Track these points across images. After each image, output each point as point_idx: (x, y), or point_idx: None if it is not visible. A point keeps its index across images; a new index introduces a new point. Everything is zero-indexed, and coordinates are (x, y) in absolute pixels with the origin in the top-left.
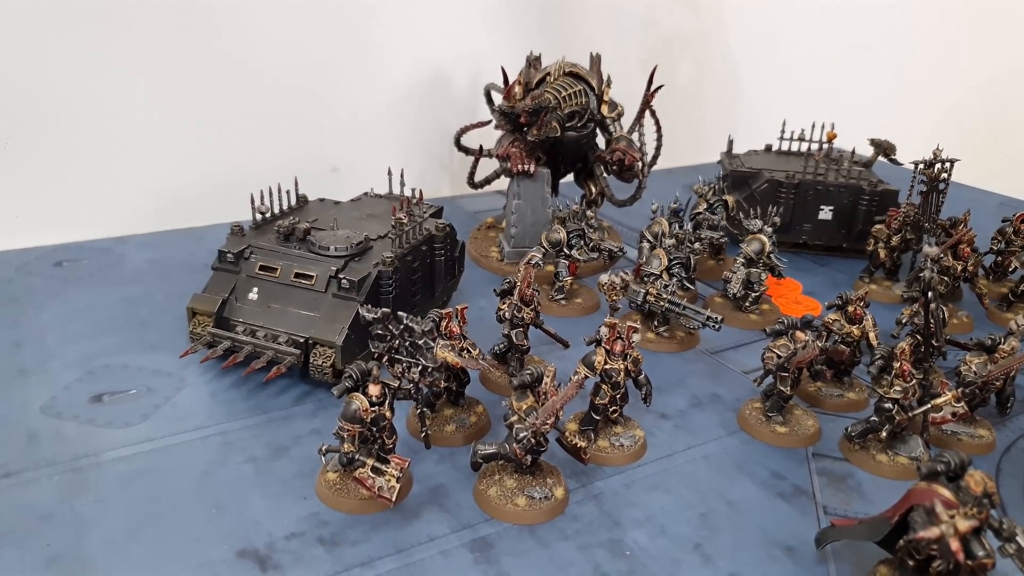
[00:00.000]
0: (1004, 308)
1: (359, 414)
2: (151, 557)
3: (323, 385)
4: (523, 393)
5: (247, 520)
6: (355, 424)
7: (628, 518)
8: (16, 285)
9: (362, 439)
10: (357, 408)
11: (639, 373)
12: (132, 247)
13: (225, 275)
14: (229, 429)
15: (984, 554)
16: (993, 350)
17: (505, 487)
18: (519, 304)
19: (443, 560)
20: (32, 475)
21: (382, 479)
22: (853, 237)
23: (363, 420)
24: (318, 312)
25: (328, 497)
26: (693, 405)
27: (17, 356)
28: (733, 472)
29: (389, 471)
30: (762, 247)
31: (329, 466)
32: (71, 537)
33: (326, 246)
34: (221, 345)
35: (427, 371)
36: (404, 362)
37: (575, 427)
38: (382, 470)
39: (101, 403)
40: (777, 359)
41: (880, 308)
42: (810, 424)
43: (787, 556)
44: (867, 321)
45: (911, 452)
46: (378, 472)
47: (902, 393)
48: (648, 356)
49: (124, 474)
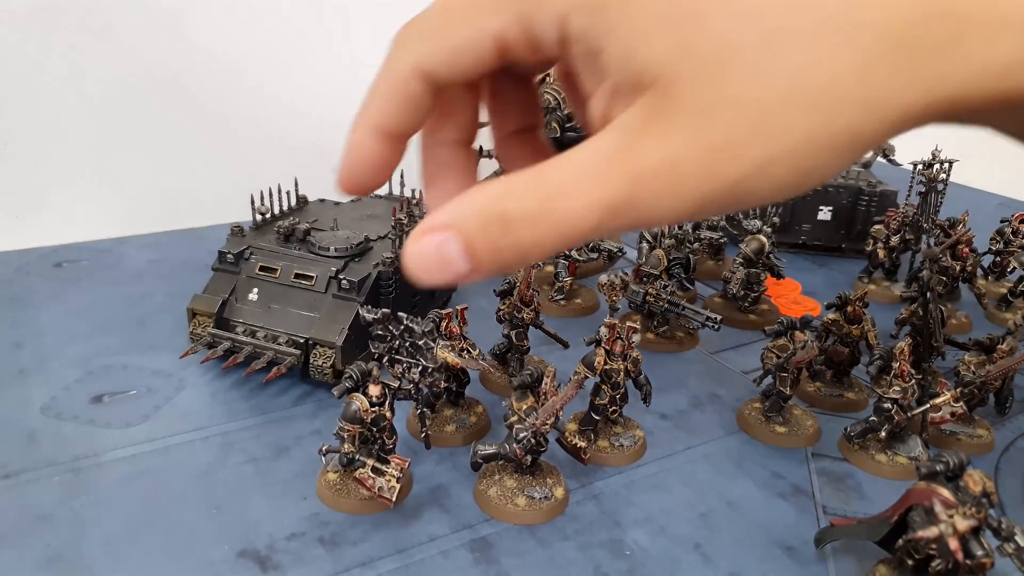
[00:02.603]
0: (1003, 308)
1: (359, 414)
2: (151, 557)
3: (323, 386)
4: (523, 393)
5: (247, 520)
6: (355, 424)
7: (628, 518)
8: (16, 285)
9: (362, 439)
10: (357, 408)
11: (639, 373)
12: (132, 247)
13: (225, 275)
14: (229, 429)
15: (983, 553)
16: (992, 350)
17: (505, 487)
18: (519, 304)
19: (443, 560)
20: (32, 476)
21: (382, 479)
22: (852, 237)
23: (363, 420)
24: (318, 313)
25: (328, 497)
26: (693, 405)
27: (17, 356)
28: (733, 472)
29: (389, 471)
30: (761, 247)
31: (329, 466)
32: (71, 537)
33: (326, 247)
34: (221, 346)
35: (427, 371)
36: (404, 362)
37: (575, 427)
38: (382, 470)
39: (101, 403)
40: (776, 359)
41: (879, 308)
42: (809, 424)
43: (787, 555)
44: (866, 321)
45: (910, 452)
46: (378, 472)
47: (901, 393)
48: (648, 356)
49: (124, 475)
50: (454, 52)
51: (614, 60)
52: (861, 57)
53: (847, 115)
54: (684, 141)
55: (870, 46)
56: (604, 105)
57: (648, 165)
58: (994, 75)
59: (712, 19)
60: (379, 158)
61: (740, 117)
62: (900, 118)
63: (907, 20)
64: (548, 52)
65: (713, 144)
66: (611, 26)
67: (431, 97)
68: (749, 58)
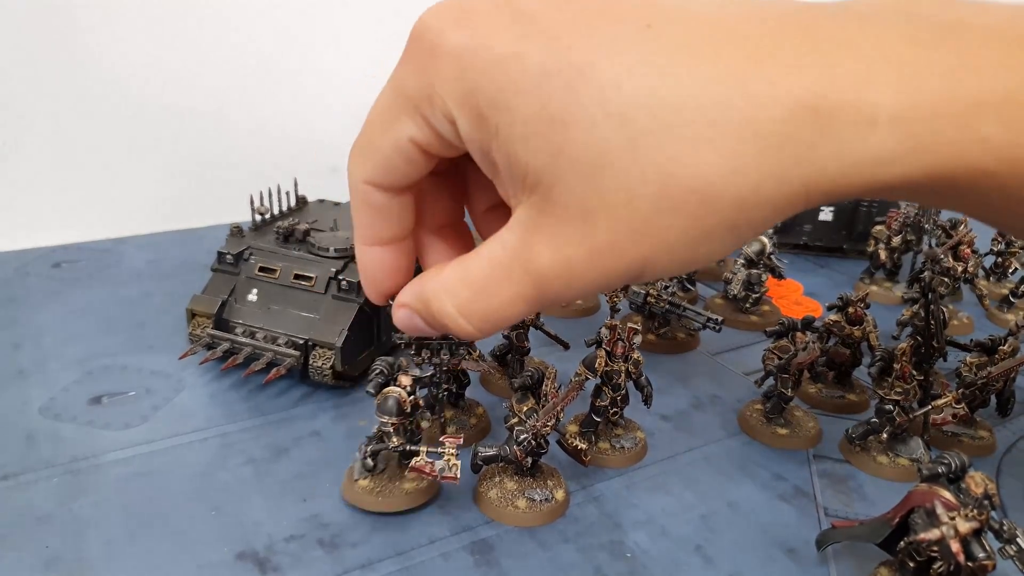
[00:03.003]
0: (1004, 309)
1: (400, 405)
2: (150, 559)
3: (323, 387)
4: (524, 395)
5: (246, 522)
6: (398, 417)
7: (629, 520)
8: (15, 286)
9: (405, 431)
10: (396, 399)
11: (640, 375)
12: (131, 248)
13: (224, 276)
14: (228, 431)
15: (984, 556)
16: (993, 351)
17: (506, 489)
18: None
19: (443, 562)
20: (31, 477)
21: (441, 461)
22: (854, 238)
23: (404, 411)
24: (318, 314)
25: (371, 502)
26: (694, 407)
27: (16, 357)
28: (734, 473)
29: (447, 451)
30: (763, 248)
31: (356, 476)
32: (70, 539)
33: (326, 247)
34: (220, 347)
35: (457, 351)
36: (434, 344)
37: (576, 429)
38: (439, 452)
39: (100, 404)
40: (778, 361)
41: (881, 309)
42: (811, 425)
43: (788, 557)
44: (868, 322)
45: (912, 453)
46: (435, 456)
47: (903, 394)
48: (649, 358)
49: (123, 476)
50: (387, 161)
51: (500, 160)
52: (729, 156)
53: (720, 213)
54: (571, 243)
55: (736, 145)
56: (505, 192)
57: (545, 265)
58: (867, 169)
59: (580, 125)
60: (388, 265)
61: (616, 221)
62: (775, 212)
63: (773, 118)
64: (458, 145)
65: (597, 246)
66: (493, 130)
67: (401, 199)
68: (618, 162)
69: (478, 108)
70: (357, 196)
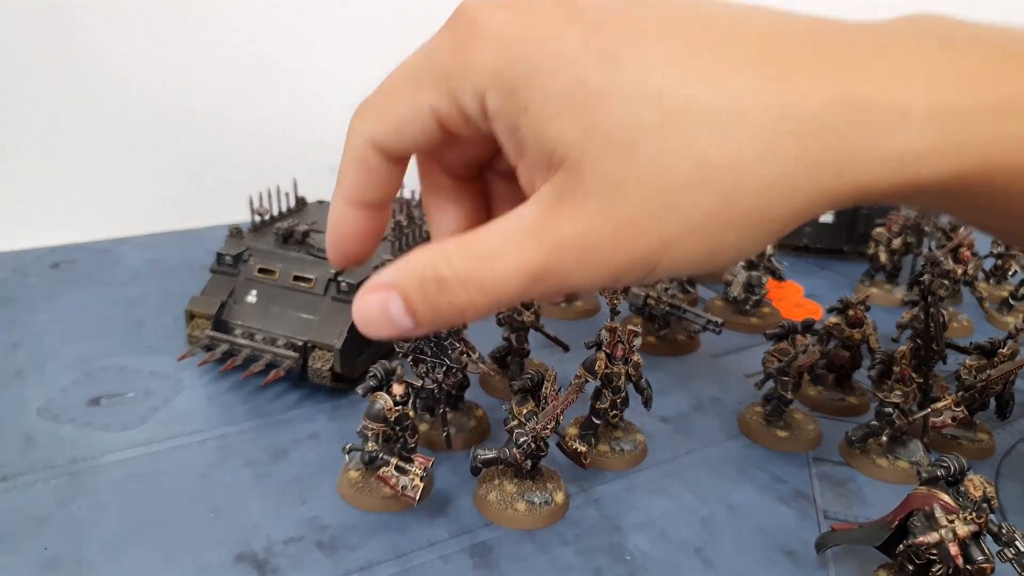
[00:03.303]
0: (1004, 312)
1: (383, 413)
2: (149, 561)
3: (322, 389)
4: (523, 397)
5: (245, 524)
6: (379, 423)
7: (629, 522)
8: (13, 286)
9: (385, 438)
10: (382, 407)
11: (640, 377)
12: (130, 248)
13: (223, 277)
14: (227, 432)
15: (983, 559)
16: (993, 354)
17: (505, 492)
18: (519, 307)
19: (443, 565)
20: (29, 478)
21: (406, 478)
22: (854, 240)
23: (387, 419)
24: (317, 315)
25: (350, 495)
26: (694, 409)
27: (14, 358)
28: (734, 476)
29: (413, 470)
30: (763, 250)
31: (351, 464)
32: (68, 540)
33: (325, 248)
34: (219, 348)
35: (452, 371)
36: (429, 362)
37: (575, 431)
38: (406, 469)
39: (98, 406)
40: (778, 363)
41: (881, 312)
42: (811, 428)
43: (788, 560)
44: (868, 325)
45: (911, 456)
46: (402, 471)
47: (902, 397)
48: (648, 360)
49: (122, 477)
50: (399, 126)
51: (528, 137)
52: (762, 141)
53: (751, 199)
54: (594, 217)
55: (771, 130)
56: (528, 175)
57: (563, 236)
58: (896, 164)
59: (616, 99)
60: (359, 228)
61: (644, 196)
62: (808, 204)
63: (808, 106)
64: (480, 124)
65: (620, 220)
66: (523, 105)
67: (395, 167)
68: (652, 138)
69: (511, 83)
70: (353, 153)
